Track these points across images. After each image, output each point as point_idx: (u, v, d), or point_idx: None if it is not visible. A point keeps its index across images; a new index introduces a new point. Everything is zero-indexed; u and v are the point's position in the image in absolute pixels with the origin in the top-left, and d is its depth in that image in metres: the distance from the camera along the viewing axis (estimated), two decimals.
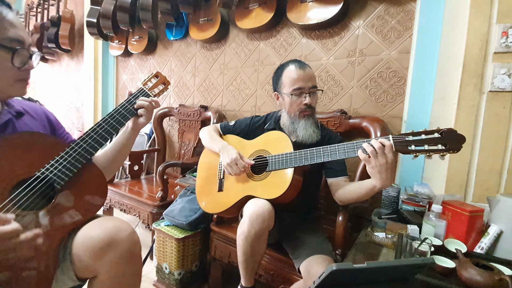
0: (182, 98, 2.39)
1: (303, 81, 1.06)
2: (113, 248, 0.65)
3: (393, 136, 0.81)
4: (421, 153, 0.77)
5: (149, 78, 0.98)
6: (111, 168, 0.91)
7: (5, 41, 0.64)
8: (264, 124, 1.22)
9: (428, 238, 0.74)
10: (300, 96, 1.07)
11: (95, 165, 0.77)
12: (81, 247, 0.66)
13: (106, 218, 0.72)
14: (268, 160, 1.06)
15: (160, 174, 1.61)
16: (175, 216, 1.36)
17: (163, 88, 1.01)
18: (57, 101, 3.84)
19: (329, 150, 0.93)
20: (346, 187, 1.03)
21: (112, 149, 0.89)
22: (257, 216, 0.92)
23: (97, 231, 0.66)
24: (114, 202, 1.85)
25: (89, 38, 2.92)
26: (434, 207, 0.90)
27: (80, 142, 0.75)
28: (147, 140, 2.45)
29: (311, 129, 1.08)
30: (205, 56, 2.20)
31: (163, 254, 1.38)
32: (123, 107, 0.84)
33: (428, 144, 0.76)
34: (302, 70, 1.07)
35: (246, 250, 0.95)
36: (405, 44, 1.39)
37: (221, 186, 1.15)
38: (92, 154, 0.75)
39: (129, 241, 0.67)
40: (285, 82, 1.10)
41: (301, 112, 1.08)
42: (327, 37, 1.62)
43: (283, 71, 1.11)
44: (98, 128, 0.78)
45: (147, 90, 0.93)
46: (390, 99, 1.44)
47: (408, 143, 0.79)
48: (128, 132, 0.88)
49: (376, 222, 1.01)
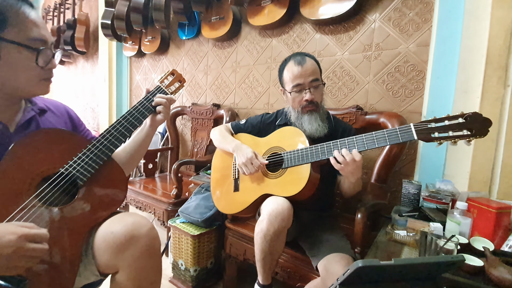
0: (194, 97, 2.40)
1: (301, 77, 1.05)
2: (134, 243, 0.65)
3: (415, 124, 0.79)
4: (445, 139, 0.74)
5: (165, 76, 0.99)
6: (129, 165, 0.92)
7: (29, 41, 0.66)
8: (275, 120, 1.21)
9: (455, 236, 0.71)
10: (300, 92, 1.07)
11: (115, 162, 0.78)
12: (103, 242, 0.67)
13: (126, 214, 0.73)
14: (283, 157, 1.04)
15: (175, 172, 1.62)
16: (190, 213, 1.37)
17: (179, 86, 1.01)
18: (73, 102, 3.94)
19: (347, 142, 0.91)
20: (341, 183, 1.11)
21: (131, 147, 0.90)
22: (276, 214, 0.91)
23: (118, 227, 0.67)
24: (130, 199, 1.88)
25: (104, 39, 2.99)
26: (459, 204, 0.87)
27: (101, 139, 0.76)
28: (160, 138, 2.48)
29: (316, 123, 1.07)
30: (217, 55, 2.20)
31: (179, 251, 1.39)
32: (141, 104, 0.85)
33: (452, 130, 0.73)
34: (299, 66, 1.05)
35: (265, 249, 0.94)
36: (424, 36, 1.34)
37: (237, 186, 1.15)
38: (112, 150, 0.76)
39: (149, 236, 0.67)
40: (286, 79, 1.10)
41: (304, 108, 1.07)
42: (342, 31, 1.59)
43: (284, 67, 1.11)
44: (118, 125, 0.79)
45: (164, 88, 0.94)
46: (408, 93, 1.40)
47: (431, 131, 0.76)
48: (146, 129, 0.89)
49: (397, 220, 0.99)
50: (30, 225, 0.55)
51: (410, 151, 1.42)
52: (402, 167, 1.45)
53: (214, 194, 1.24)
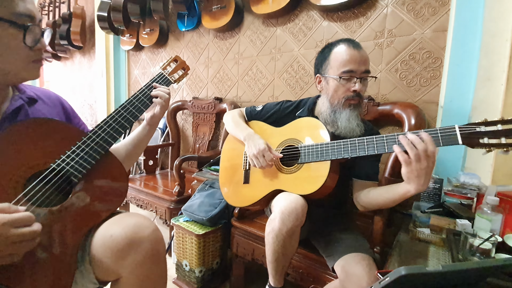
0: (195, 91, 2.32)
1: (355, 63, 0.91)
2: (136, 247, 0.58)
3: (460, 126, 0.68)
4: (496, 147, 0.64)
5: (168, 63, 0.91)
6: (127, 163, 0.84)
7: (15, 16, 0.57)
8: (296, 110, 1.10)
9: (494, 235, 0.64)
10: (349, 81, 0.92)
11: (114, 156, 0.71)
12: (101, 247, 0.60)
13: (127, 215, 0.65)
14: (300, 151, 0.96)
15: (177, 168, 1.55)
16: (194, 212, 1.30)
17: (183, 74, 0.94)
18: (70, 99, 3.85)
19: (375, 141, 0.80)
20: (371, 191, 0.92)
21: (129, 143, 0.83)
22: (289, 212, 0.83)
23: (118, 229, 0.59)
24: (130, 197, 1.81)
25: (100, 33, 2.89)
26: (489, 199, 0.79)
27: (98, 131, 0.68)
28: (161, 134, 2.40)
29: (355, 122, 0.94)
30: (218, 46, 2.11)
31: (183, 251, 1.32)
32: (142, 93, 0.78)
33: (506, 136, 0.62)
34: (356, 50, 0.92)
35: (277, 249, 0.87)
36: (441, 21, 1.26)
37: (247, 178, 1.07)
38: (111, 143, 0.69)
39: (153, 239, 0.60)
40: (333, 63, 0.95)
41: (347, 100, 0.93)
42: (351, 18, 1.50)
43: (331, 50, 0.96)
44: (116, 115, 0.72)
45: (167, 75, 0.86)
46: (424, 82, 1.32)
47: (480, 135, 0.65)
48: (143, 128, 0.82)
49: (419, 217, 0.92)
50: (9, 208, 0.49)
51: None
52: None
53: (222, 184, 1.17)
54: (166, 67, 0.90)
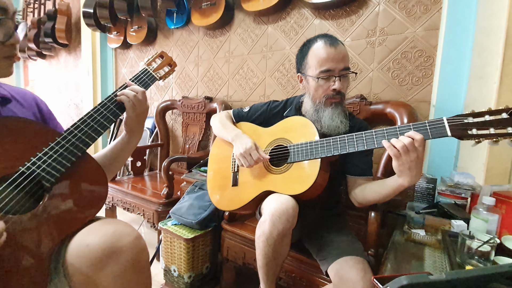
0: (185, 90, 2.26)
1: (333, 62, 0.89)
2: (115, 257, 0.53)
3: (448, 118, 0.67)
4: (485, 138, 0.63)
5: (153, 58, 0.87)
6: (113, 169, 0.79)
7: None
8: (283, 110, 1.08)
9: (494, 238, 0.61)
10: (328, 80, 0.90)
11: (92, 158, 0.66)
12: (77, 257, 0.54)
13: (106, 222, 0.60)
14: (289, 150, 0.93)
15: (165, 169, 1.49)
16: (183, 215, 1.25)
17: (170, 70, 0.89)
18: (56, 98, 3.73)
19: (365, 137, 0.79)
20: (366, 186, 0.90)
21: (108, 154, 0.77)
22: (280, 214, 0.80)
23: (95, 238, 0.54)
24: (116, 200, 1.74)
25: (87, 30, 2.80)
26: (486, 199, 0.78)
27: (74, 131, 0.63)
28: (149, 135, 2.33)
29: (338, 119, 0.92)
30: (208, 44, 2.06)
31: (171, 256, 1.27)
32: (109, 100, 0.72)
33: (494, 127, 0.62)
34: (333, 48, 0.89)
35: (268, 253, 0.83)
36: (433, 19, 1.25)
37: (235, 180, 1.03)
38: (88, 144, 0.63)
39: (134, 248, 0.55)
40: (311, 62, 0.93)
41: (328, 99, 0.92)
42: (343, 16, 1.48)
43: (309, 48, 0.94)
44: (95, 113, 0.67)
45: (152, 71, 0.81)
46: (416, 81, 1.31)
47: (468, 126, 0.64)
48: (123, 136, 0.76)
49: (413, 218, 0.89)
50: None
51: None
52: None
53: (210, 188, 1.12)
54: (151, 62, 0.85)
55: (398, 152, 0.71)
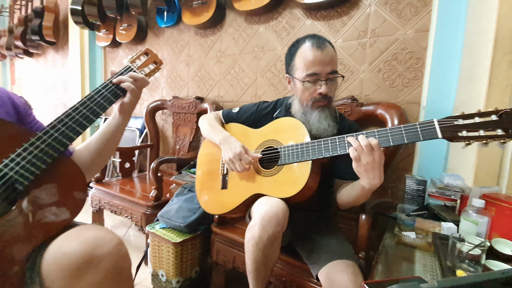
0: (175, 90, 2.22)
1: (319, 65, 0.87)
2: (94, 266, 0.50)
3: (439, 120, 0.67)
4: (475, 140, 0.63)
5: (137, 56, 0.83)
6: (96, 164, 0.76)
7: None
8: (273, 111, 1.06)
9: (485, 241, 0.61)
10: (315, 83, 0.89)
11: (70, 160, 0.62)
12: (53, 266, 0.51)
13: (85, 228, 0.57)
14: (279, 152, 0.91)
15: (154, 171, 1.46)
16: (171, 218, 1.22)
17: (155, 68, 0.86)
18: (43, 98, 3.63)
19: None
20: (342, 189, 0.92)
21: (97, 141, 0.74)
22: (270, 217, 0.78)
23: (73, 245, 0.51)
24: (103, 203, 1.69)
25: (75, 28, 2.73)
26: (475, 201, 0.77)
27: (50, 131, 0.59)
28: (138, 135, 2.29)
29: (325, 122, 0.91)
30: (199, 44, 2.03)
31: (159, 260, 1.23)
32: (105, 87, 0.69)
33: (484, 129, 0.62)
34: (319, 50, 0.86)
35: (257, 258, 0.81)
36: (423, 21, 1.25)
37: (225, 183, 1.00)
38: (65, 145, 0.60)
39: (115, 255, 0.52)
40: (298, 65, 0.91)
41: (315, 103, 0.90)
42: (335, 17, 1.47)
43: (297, 49, 0.92)
44: (73, 112, 0.63)
45: (135, 69, 0.78)
46: (406, 83, 1.31)
47: (458, 128, 0.64)
48: (116, 119, 0.73)
49: (404, 220, 0.89)
50: None
51: (408, 144, 1.33)
52: (400, 161, 1.36)
53: (198, 191, 1.09)
54: (135, 60, 0.82)
55: (358, 155, 0.72)
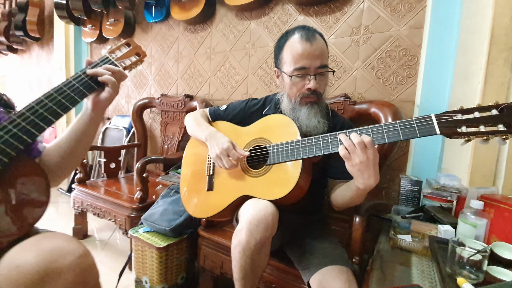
0: (164, 88, 2.15)
1: (308, 59, 0.81)
2: (52, 281, 0.44)
3: (436, 115, 0.63)
4: (475, 136, 0.59)
5: (117, 46, 0.77)
6: (68, 163, 0.69)
7: None
8: (262, 108, 1.01)
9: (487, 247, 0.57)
10: (303, 78, 0.84)
11: (31, 160, 0.56)
12: (4, 281, 0.44)
13: (44, 237, 0.50)
14: (268, 151, 0.86)
15: (139, 171, 1.39)
16: (155, 221, 1.15)
17: (137, 60, 0.80)
18: (27, 95, 3.50)
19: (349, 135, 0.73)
20: (337, 190, 0.88)
21: (67, 140, 0.67)
22: (258, 222, 0.72)
23: (28, 257, 0.45)
24: (86, 205, 1.61)
25: (60, 23, 2.63)
26: (474, 202, 0.74)
27: (7, 126, 0.53)
28: (125, 134, 2.20)
29: (315, 119, 0.86)
30: (189, 40, 1.97)
31: (143, 266, 1.16)
32: (77, 79, 0.63)
33: (484, 124, 0.58)
34: (308, 43, 0.81)
35: (245, 265, 0.75)
36: (417, 18, 1.22)
37: (211, 185, 0.94)
38: (26, 143, 0.53)
39: (77, 269, 0.46)
40: (286, 58, 0.86)
41: (303, 99, 0.86)
42: (328, 13, 1.43)
43: (285, 42, 0.87)
44: (37, 106, 0.56)
45: (114, 60, 0.72)
46: (400, 81, 1.28)
47: (457, 124, 0.60)
48: (88, 115, 0.66)
49: (399, 223, 0.84)
50: None
51: (402, 143, 1.30)
52: (393, 161, 1.33)
53: (183, 193, 1.03)
54: (115, 50, 0.75)
55: (349, 154, 0.68)
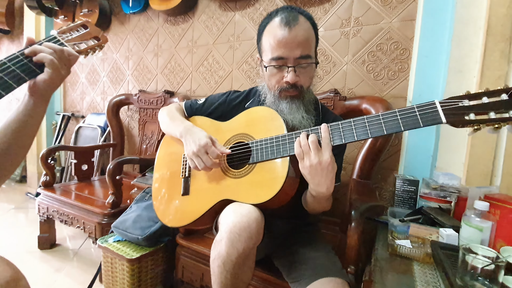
0: (142, 83, 2.01)
1: (286, 48, 0.71)
2: None
3: (441, 101, 0.56)
4: (485, 123, 0.52)
5: (70, 27, 0.65)
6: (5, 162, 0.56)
7: None
8: (245, 101, 0.90)
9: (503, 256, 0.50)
10: (281, 70, 0.74)
11: None
12: None
13: None
14: (251, 148, 0.76)
15: (111, 173, 1.25)
16: (127, 229, 1.03)
17: (95, 45, 0.68)
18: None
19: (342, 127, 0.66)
20: (305, 192, 0.79)
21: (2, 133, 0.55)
22: (240, 230, 0.62)
23: None
24: (52, 211, 1.45)
25: (30, 14, 2.44)
26: (478, 203, 0.67)
27: None
28: (100, 134, 2.04)
29: (299, 115, 0.77)
30: (169, 32, 1.85)
31: (112, 280, 1.04)
32: (12, 60, 0.51)
33: (495, 110, 0.52)
34: (286, 29, 0.70)
35: (225, 281, 0.65)
36: (409, 9, 1.17)
37: (186, 188, 0.82)
38: None
39: None
40: (264, 45, 0.76)
41: (282, 92, 0.76)
42: (316, 4, 1.36)
43: (266, 25, 0.76)
44: None
45: (63, 41, 0.60)
46: (391, 75, 1.22)
47: (465, 111, 0.54)
48: (25, 104, 0.55)
49: (396, 226, 0.77)
50: None
51: (394, 141, 1.24)
52: (384, 160, 1.27)
53: (155, 198, 0.90)
54: (67, 31, 0.63)
55: (302, 152, 0.64)
